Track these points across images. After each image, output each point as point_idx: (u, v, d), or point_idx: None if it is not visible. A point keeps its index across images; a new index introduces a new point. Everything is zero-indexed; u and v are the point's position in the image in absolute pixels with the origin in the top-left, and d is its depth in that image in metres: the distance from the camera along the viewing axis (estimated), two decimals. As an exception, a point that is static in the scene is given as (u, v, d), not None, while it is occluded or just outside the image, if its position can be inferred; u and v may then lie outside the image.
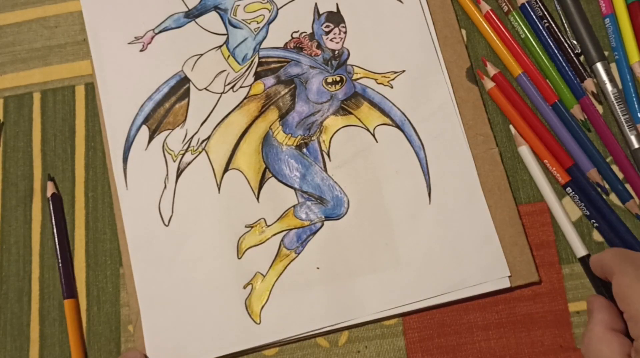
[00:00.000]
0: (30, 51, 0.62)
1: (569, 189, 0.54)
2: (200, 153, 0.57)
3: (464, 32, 0.59)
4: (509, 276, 0.52)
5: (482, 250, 0.52)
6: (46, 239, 0.57)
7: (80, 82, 0.61)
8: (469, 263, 0.52)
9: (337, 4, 0.60)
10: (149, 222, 0.55)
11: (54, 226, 0.56)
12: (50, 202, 0.57)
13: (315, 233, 0.54)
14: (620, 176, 0.54)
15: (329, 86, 0.57)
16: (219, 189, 0.56)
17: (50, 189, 0.57)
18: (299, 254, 0.54)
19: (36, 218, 0.57)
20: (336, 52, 0.58)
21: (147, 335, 0.52)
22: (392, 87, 0.57)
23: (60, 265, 0.55)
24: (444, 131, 0.55)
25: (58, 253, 0.56)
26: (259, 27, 0.59)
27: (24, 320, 0.55)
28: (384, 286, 0.52)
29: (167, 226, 0.55)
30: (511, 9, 0.58)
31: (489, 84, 0.56)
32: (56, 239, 0.56)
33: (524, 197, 0.55)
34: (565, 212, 0.53)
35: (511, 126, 0.56)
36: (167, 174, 0.56)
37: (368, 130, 0.56)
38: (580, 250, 0.52)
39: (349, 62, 0.58)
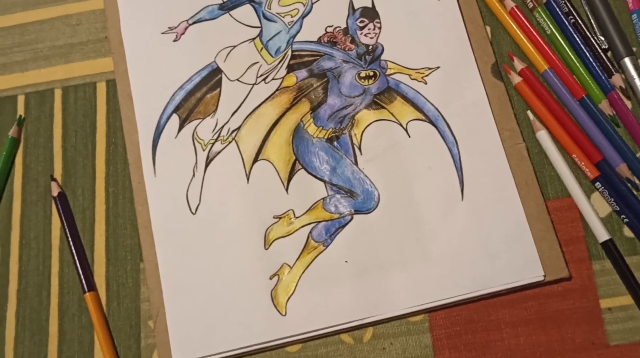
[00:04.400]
0: (52, 48, 0.62)
1: (598, 184, 0.53)
2: (230, 142, 0.56)
3: (488, 28, 0.59)
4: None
5: (515, 247, 0.51)
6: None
7: (102, 79, 0.61)
8: (501, 260, 0.51)
9: (372, 0, 0.59)
10: (176, 210, 0.54)
11: (64, 224, 0.56)
12: (58, 201, 0.56)
13: (344, 226, 0.53)
14: (651, 171, 0.53)
15: (362, 80, 0.57)
16: (247, 179, 0.55)
17: (56, 189, 0.56)
18: (327, 247, 0.53)
19: (56, 213, 0.57)
20: (370, 47, 0.58)
21: (171, 326, 0.51)
22: (426, 83, 0.56)
23: (77, 260, 0.54)
24: (478, 127, 0.54)
25: (72, 248, 0.55)
26: (293, 21, 0.59)
27: (43, 315, 0.54)
28: (414, 281, 0.51)
29: (194, 214, 0.54)
30: (536, 5, 0.58)
31: (516, 79, 0.56)
32: (68, 236, 0.55)
33: (552, 193, 0.54)
34: (584, 193, 0.52)
35: (529, 112, 0.55)
36: (196, 163, 0.56)
37: (401, 125, 0.55)
38: (603, 234, 0.51)
39: (382, 57, 0.58)
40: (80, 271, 0.54)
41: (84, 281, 0.54)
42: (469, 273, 0.51)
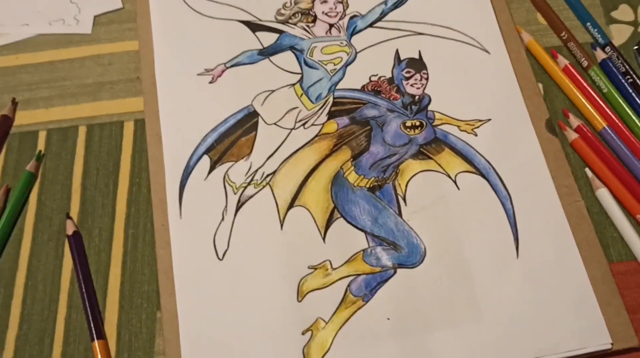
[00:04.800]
0: (80, 86, 0.59)
1: (665, 248, 0.48)
2: (264, 186, 0.52)
3: (540, 85, 0.56)
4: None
5: (577, 311, 0.46)
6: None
7: (130, 118, 0.57)
8: (562, 325, 0.46)
9: (419, 51, 0.57)
10: (202, 255, 0.49)
11: (77, 265, 0.51)
12: (72, 240, 0.51)
13: (386, 280, 0.48)
14: None
15: (408, 129, 0.53)
16: (281, 225, 0.50)
17: (71, 228, 0.52)
18: (367, 302, 0.47)
19: (68, 254, 0.52)
20: (417, 97, 0.55)
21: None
22: (476, 135, 0.53)
23: (87, 305, 0.49)
24: (533, 182, 0.51)
25: (83, 291, 0.50)
26: (335, 69, 0.57)
27: (43, 365, 0.48)
28: (463, 344, 0.46)
29: (221, 260, 0.49)
30: (591, 64, 0.55)
31: (572, 136, 0.53)
32: (80, 278, 0.50)
33: (615, 255, 0.49)
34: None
35: (587, 169, 0.52)
36: (226, 206, 0.51)
37: (449, 176, 0.51)
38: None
39: (430, 108, 0.54)
40: (90, 317, 0.49)
41: (93, 328, 0.48)
42: (525, 337, 0.46)
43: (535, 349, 0.45)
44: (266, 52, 0.59)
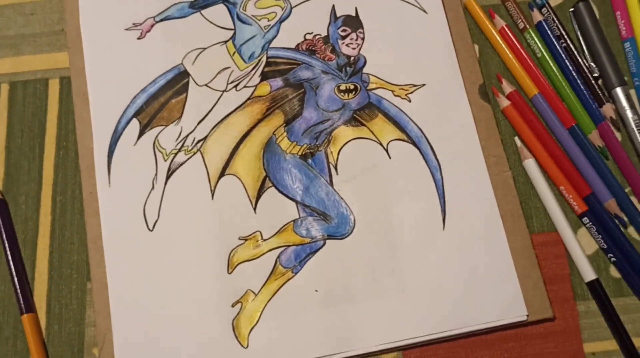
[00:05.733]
0: (1, 38, 0.56)
1: (585, 220, 0.50)
2: (194, 153, 0.51)
3: (476, 47, 0.55)
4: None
5: (498, 285, 0.48)
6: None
7: (55, 75, 0.55)
8: (482, 298, 0.47)
9: (356, 8, 0.55)
10: (131, 225, 0.49)
11: (2, 235, 0.50)
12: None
13: (315, 251, 0.49)
14: (640, 208, 0.51)
15: (342, 93, 0.53)
16: (212, 195, 0.50)
17: (-4, 196, 0.51)
18: (296, 273, 0.48)
19: (-6, 222, 0.51)
20: (352, 58, 0.54)
21: (119, 355, 0.46)
22: (410, 101, 0.52)
23: (14, 277, 0.49)
24: (463, 152, 0.51)
25: (10, 263, 0.49)
26: (269, 25, 0.55)
27: (-28, 337, 0.48)
28: (388, 316, 0.47)
29: (151, 230, 0.49)
30: (527, 27, 0.55)
31: (504, 102, 0.53)
32: (6, 249, 0.49)
33: (537, 226, 0.51)
34: (571, 229, 0.50)
35: (516, 138, 0.52)
36: (156, 174, 0.51)
37: (381, 144, 0.51)
38: (590, 273, 0.48)
39: (364, 70, 0.53)
40: (18, 290, 0.48)
41: (21, 301, 0.48)
42: (447, 309, 0.47)
43: (456, 321, 0.47)
44: (197, 5, 0.56)
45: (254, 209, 0.50)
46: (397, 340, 0.47)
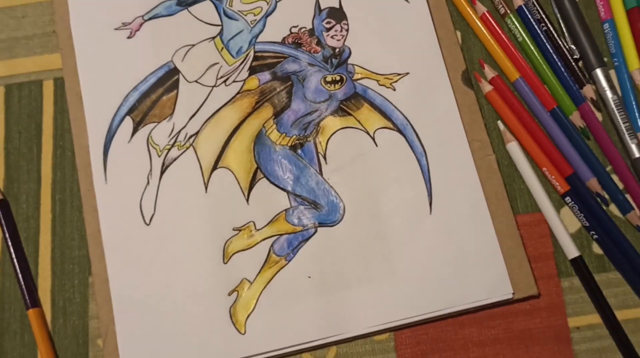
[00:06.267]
0: (-6, 42, 0.58)
1: (568, 199, 0.51)
2: (187, 148, 0.53)
3: (458, 34, 0.57)
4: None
5: (484, 265, 0.49)
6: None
7: (49, 76, 0.57)
8: (470, 279, 0.49)
9: (339, 0, 0.56)
10: (129, 220, 0.51)
11: (5, 234, 0.52)
12: (0, 209, 0.52)
13: (307, 239, 0.51)
14: (621, 186, 0.52)
15: (328, 84, 0.54)
16: (206, 188, 0.52)
17: (-3, 196, 0.53)
18: (289, 261, 0.50)
19: (-3, 221, 0.53)
20: (337, 50, 0.55)
21: (122, 345, 0.48)
22: (394, 90, 0.54)
23: (19, 273, 0.51)
24: (448, 138, 0.52)
25: (15, 261, 0.51)
26: (255, 20, 0.56)
27: (-19, 333, 0.50)
28: (379, 299, 0.49)
29: (148, 225, 0.51)
30: (508, 12, 0.56)
31: (487, 87, 0.54)
32: (10, 247, 0.51)
33: (522, 207, 0.52)
34: (554, 208, 0.51)
35: (499, 122, 0.54)
36: (150, 170, 0.52)
37: (368, 133, 0.53)
38: (573, 251, 0.50)
39: (350, 61, 0.55)
40: (23, 286, 0.50)
41: (27, 297, 0.50)
42: (436, 290, 0.49)
43: (445, 301, 0.49)
44: (184, 2, 0.57)
45: (247, 200, 0.52)
46: (389, 321, 0.49)
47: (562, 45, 0.55)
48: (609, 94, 0.53)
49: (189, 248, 0.51)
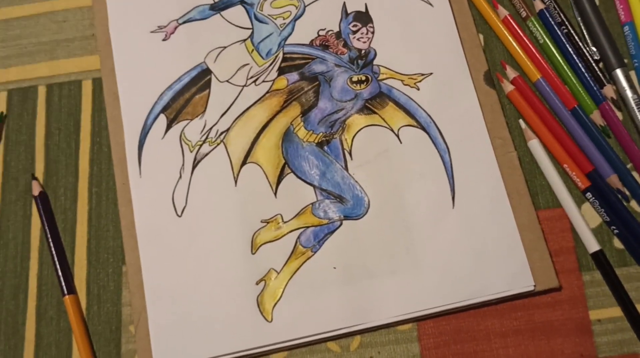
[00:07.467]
0: (37, 45, 0.61)
1: (588, 195, 0.52)
2: (218, 144, 0.55)
3: (481, 36, 0.58)
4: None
5: (506, 257, 0.51)
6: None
7: (87, 77, 0.59)
8: (492, 270, 0.50)
9: (365, 4, 0.59)
10: (161, 212, 0.53)
11: (45, 224, 0.54)
12: (39, 201, 0.54)
13: (333, 231, 0.52)
14: (641, 182, 0.53)
15: (354, 84, 0.56)
16: (235, 182, 0.54)
17: (37, 188, 0.55)
18: (315, 252, 0.52)
19: (36, 213, 0.55)
20: (363, 51, 0.57)
21: (153, 332, 0.50)
22: (418, 89, 0.56)
23: (56, 262, 0.53)
24: (470, 135, 0.54)
25: (52, 250, 0.53)
26: (285, 23, 0.58)
27: (19, 319, 0.52)
28: (403, 290, 0.50)
29: (179, 217, 0.53)
30: (529, 15, 0.58)
31: (509, 87, 0.55)
32: (48, 237, 0.54)
33: (543, 202, 0.53)
34: (575, 204, 0.52)
35: (521, 121, 0.55)
36: (183, 165, 0.54)
37: (392, 131, 0.55)
38: (594, 245, 0.51)
39: (375, 62, 0.57)
40: (60, 273, 0.53)
41: (63, 284, 0.52)
42: (458, 282, 0.50)
43: (467, 292, 0.50)
44: (217, 7, 0.60)
45: (275, 194, 0.54)
46: (412, 311, 0.50)
47: (582, 47, 0.56)
48: (629, 93, 0.55)
49: (219, 239, 0.53)
